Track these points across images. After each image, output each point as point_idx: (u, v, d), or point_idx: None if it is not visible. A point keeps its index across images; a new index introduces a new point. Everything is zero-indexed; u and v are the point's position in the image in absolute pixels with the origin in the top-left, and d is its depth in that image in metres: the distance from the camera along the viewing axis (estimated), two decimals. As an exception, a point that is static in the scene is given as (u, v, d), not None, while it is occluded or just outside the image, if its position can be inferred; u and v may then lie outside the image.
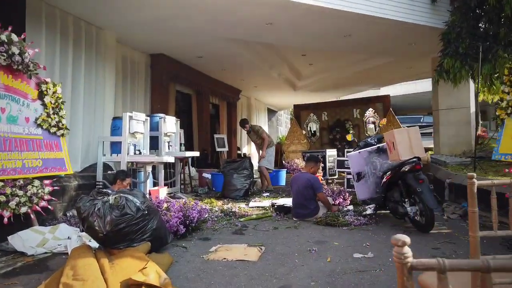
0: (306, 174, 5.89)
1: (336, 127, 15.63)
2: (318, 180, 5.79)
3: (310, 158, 6.09)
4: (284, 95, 16.65)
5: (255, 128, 9.09)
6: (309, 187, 5.63)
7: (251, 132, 9.27)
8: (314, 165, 5.90)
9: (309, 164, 5.93)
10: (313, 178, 5.75)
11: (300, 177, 5.87)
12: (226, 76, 13.31)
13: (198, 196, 7.81)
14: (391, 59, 11.94)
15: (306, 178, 5.78)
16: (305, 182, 5.70)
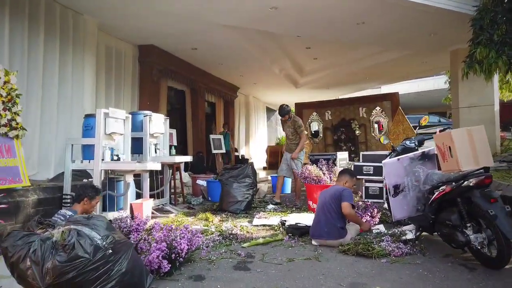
0: (337, 186, 4.60)
1: (341, 127, 14.29)
2: (350, 191, 4.46)
3: (344, 171, 4.83)
4: (284, 93, 15.30)
5: (296, 120, 7.27)
6: (337, 198, 4.34)
7: (287, 123, 7.43)
8: (349, 179, 4.62)
9: (342, 178, 4.67)
10: (344, 188, 4.45)
11: (329, 190, 4.60)
12: (224, 72, 11.94)
13: (191, 209, 6.45)
14: (405, 52, 10.62)
15: (335, 188, 4.52)
16: (333, 193, 4.43)
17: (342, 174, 4.71)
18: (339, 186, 4.55)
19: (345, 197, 4.31)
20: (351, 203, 4.32)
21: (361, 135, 14.32)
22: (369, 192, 6.89)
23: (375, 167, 6.84)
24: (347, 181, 4.58)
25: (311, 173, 5.76)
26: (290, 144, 7.31)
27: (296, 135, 7.23)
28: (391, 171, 4.21)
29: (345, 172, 4.74)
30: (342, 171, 4.83)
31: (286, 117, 7.40)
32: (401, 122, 13.83)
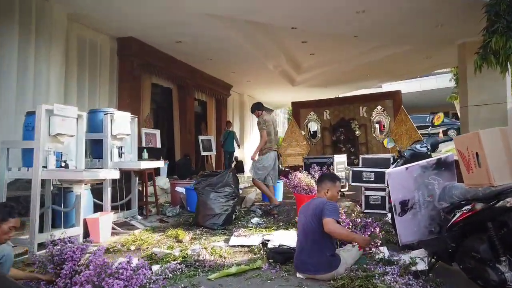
0: (318, 199, 3.54)
1: (340, 127, 13.33)
2: (334, 204, 3.41)
3: (323, 177, 3.69)
4: (281, 91, 14.32)
5: (259, 119, 6.58)
6: (319, 215, 3.30)
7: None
8: (330, 187, 3.51)
9: (323, 185, 3.55)
10: (326, 201, 3.41)
11: (308, 205, 3.51)
12: (214, 68, 10.98)
13: (163, 222, 5.49)
14: (408, 47, 9.62)
15: (315, 203, 3.43)
16: (313, 209, 3.37)
17: (322, 182, 3.59)
18: (320, 199, 3.47)
19: (327, 212, 3.25)
20: (335, 218, 3.31)
21: (361, 136, 13.34)
22: (370, 202, 5.92)
23: (376, 173, 5.87)
24: (329, 189, 3.49)
25: (300, 181, 4.80)
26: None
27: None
28: (397, 183, 3.24)
29: (325, 178, 3.61)
30: (321, 178, 3.71)
31: (258, 113, 6.73)
32: (404, 122, 12.84)
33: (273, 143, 6.55)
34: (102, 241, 4.48)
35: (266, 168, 6.42)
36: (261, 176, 6.44)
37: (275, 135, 6.66)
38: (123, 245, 4.32)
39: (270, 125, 6.58)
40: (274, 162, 6.51)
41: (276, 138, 6.70)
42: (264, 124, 6.51)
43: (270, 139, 6.51)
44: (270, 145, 6.52)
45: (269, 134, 6.52)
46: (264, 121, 6.54)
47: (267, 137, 6.47)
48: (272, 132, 6.56)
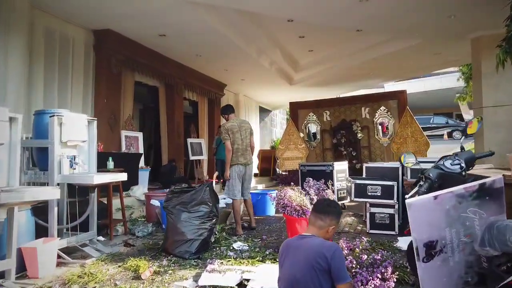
0: (315, 239, 2.37)
1: (341, 129, 12.31)
2: (341, 254, 2.30)
3: (327, 208, 2.51)
4: (278, 91, 13.32)
5: (220, 127, 5.84)
6: (322, 271, 2.17)
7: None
8: (336, 223, 2.49)
9: (325, 219, 2.44)
10: (331, 248, 2.24)
11: (299, 247, 2.35)
12: (204, 65, 10.00)
13: (129, 246, 4.51)
14: (416, 41, 8.61)
15: (313, 248, 2.27)
16: (312, 257, 2.22)
17: (324, 214, 2.45)
18: (319, 241, 2.33)
19: (342, 272, 2.19)
20: (349, 281, 2.22)
21: (364, 139, 12.31)
22: (376, 221, 4.93)
23: (384, 186, 4.88)
24: (334, 226, 2.48)
25: (291, 200, 3.81)
26: None
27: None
28: (422, 218, 2.25)
29: (330, 211, 2.48)
30: (323, 208, 2.50)
31: (225, 117, 5.82)
32: (409, 124, 11.79)
33: (240, 156, 5.46)
34: (41, 275, 3.51)
35: (234, 185, 5.44)
36: (230, 194, 5.47)
37: (245, 143, 5.56)
38: (65, 283, 3.35)
39: (236, 133, 5.48)
40: (243, 174, 5.52)
41: (246, 147, 5.57)
42: (226, 133, 5.47)
43: (236, 150, 5.44)
44: (236, 159, 5.44)
45: (234, 143, 5.44)
46: (226, 130, 5.48)
47: (231, 147, 5.44)
48: (239, 141, 5.48)
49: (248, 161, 5.56)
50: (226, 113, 5.78)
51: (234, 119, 5.70)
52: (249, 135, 5.63)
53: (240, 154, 5.47)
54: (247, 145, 5.58)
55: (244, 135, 5.54)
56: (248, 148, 5.59)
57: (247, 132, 5.61)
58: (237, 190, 5.46)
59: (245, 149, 5.52)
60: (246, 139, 5.56)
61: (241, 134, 5.53)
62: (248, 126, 5.71)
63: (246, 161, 5.51)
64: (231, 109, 5.84)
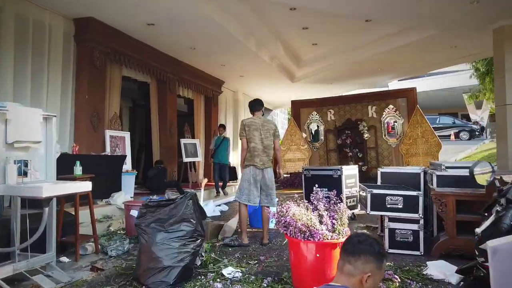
0: None
1: (346, 129, 11.44)
2: None
3: (352, 244, 1.67)
4: (279, 89, 12.44)
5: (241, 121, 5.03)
6: None
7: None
8: (375, 269, 1.60)
9: (351, 262, 1.62)
10: None
11: None
12: (200, 60, 9.13)
13: (96, 270, 3.65)
14: (432, 31, 7.73)
15: None
16: None
17: (353, 256, 1.64)
18: None
19: None
20: None
21: (370, 139, 11.43)
22: (397, 238, 4.05)
23: (406, 197, 4.01)
24: (371, 273, 1.61)
25: (295, 219, 2.95)
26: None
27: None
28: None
29: (366, 251, 1.63)
30: (351, 245, 1.69)
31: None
32: (419, 123, 10.92)
33: (256, 156, 4.71)
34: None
35: (244, 186, 4.74)
36: (240, 196, 4.77)
37: (265, 144, 4.76)
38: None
39: (254, 130, 4.74)
40: (258, 179, 4.73)
41: (266, 148, 4.78)
42: (243, 129, 4.79)
43: (252, 149, 4.72)
44: (251, 159, 4.73)
45: (251, 141, 4.72)
46: (244, 125, 4.80)
47: (246, 146, 4.76)
48: (256, 140, 4.72)
49: (265, 163, 4.77)
50: (252, 109, 5.00)
51: (257, 117, 4.91)
52: (272, 136, 4.85)
53: (257, 155, 4.73)
54: (268, 147, 4.79)
55: (264, 135, 4.77)
56: (267, 150, 4.80)
57: (269, 132, 4.83)
58: (246, 195, 4.71)
59: (263, 150, 4.75)
60: (267, 140, 4.78)
61: (262, 133, 4.76)
62: (271, 127, 4.88)
63: (262, 163, 4.75)
64: (258, 106, 4.99)
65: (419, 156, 10.74)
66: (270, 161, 4.87)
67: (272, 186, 4.84)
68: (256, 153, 4.71)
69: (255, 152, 4.71)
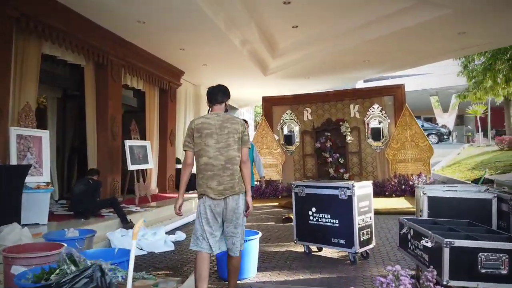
0: None
1: (326, 130, 9.69)
2: None
3: None
4: (249, 82, 10.45)
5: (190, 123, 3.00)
6: None
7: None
8: None
9: None
10: None
11: None
12: (152, 40, 6.96)
13: None
14: (442, 12, 6.08)
15: None
16: None
17: None
18: None
19: None
20: None
21: (353, 143, 9.72)
22: (482, 269, 2.20)
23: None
24: None
25: None
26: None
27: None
28: None
29: None
30: None
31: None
32: (408, 125, 9.32)
33: (210, 178, 2.80)
34: None
35: (197, 227, 2.85)
36: (192, 241, 2.85)
37: (226, 157, 2.82)
38: None
39: (207, 137, 2.82)
40: (218, 211, 2.81)
41: (229, 162, 2.82)
42: (189, 136, 2.88)
43: (204, 168, 2.83)
44: (203, 183, 2.82)
45: (202, 155, 2.82)
46: (192, 130, 2.86)
47: (191, 162, 2.90)
48: (211, 152, 2.81)
49: (227, 190, 2.80)
50: (211, 100, 2.99)
51: (215, 114, 2.93)
52: (238, 143, 2.88)
53: (212, 176, 2.81)
54: (231, 161, 2.85)
55: (225, 142, 2.84)
56: (231, 166, 2.84)
57: (234, 137, 2.87)
58: (201, 236, 2.82)
59: (223, 168, 2.82)
60: (230, 150, 2.84)
61: (220, 140, 2.84)
62: (236, 129, 2.89)
63: (223, 189, 2.80)
64: (221, 95, 2.99)
65: (408, 163, 9.16)
66: (236, 184, 2.84)
67: (238, 222, 2.85)
68: (210, 174, 2.80)
69: (208, 172, 2.81)
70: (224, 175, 2.79)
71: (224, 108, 3.01)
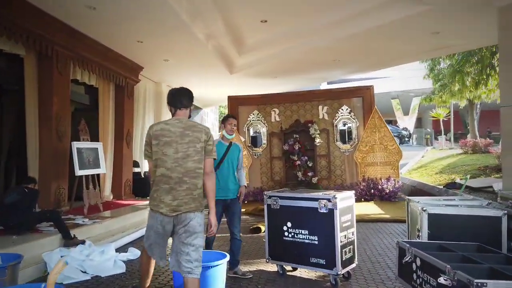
0: None
1: (294, 132, 9.22)
2: None
3: None
4: (214, 81, 9.77)
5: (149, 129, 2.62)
6: None
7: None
8: None
9: None
10: None
11: None
12: (106, 29, 6.14)
13: None
14: (417, 9, 5.73)
15: None
16: None
17: None
18: None
19: None
20: None
21: (322, 145, 9.31)
22: None
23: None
24: None
25: None
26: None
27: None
28: None
29: None
30: None
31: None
32: (377, 127, 9.01)
33: (164, 192, 2.43)
34: None
35: (149, 234, 2.55)
36: (145, 243, 2.61)
37: (185, 168, 2.45)
38: None
39: (166, 145, 2.45)
40: (167, 230, 2.48)
41: (187, 175, 2.45)
42: (148, 144, 2.54)
43: (159, 180, 2.46)
44: (156, 196, 2.45)
45: (159, 165, 2.45)
46: (149, 136, 2.52)
47: (153, 172, 2.52)
48: (169, 162, 2.44)
49: (182, 206, 2.42)
50: (172, 104, 2.62)
51: (177, 120, 2.55)
52: (200, 153, 2.51)
53: (167, 190, 2.45)
54: (190, 173, 2.47)
55: (184, 152, 2.47)
56: (191, 180, 2.47)
57: (193, 146, 2.49)
58: (152, 245, 2.57)
59: (179, 181, 2.45)
60: (190, 161, 2.48)
61: (178, 149, 2.47)
62: (198, 136, 2.51)
63: (176, 205, 2.43)
64: (184, 99, 2.60)
65: (377, 166, 8.85)
66: (194, 199, 2.43)
67: (190, 242, 2.40)
68: (166, 187, 2.43)
69: (163, 185, 2.44)
70: (180, 189, 2.42)
71: (188, 113, 2.63)
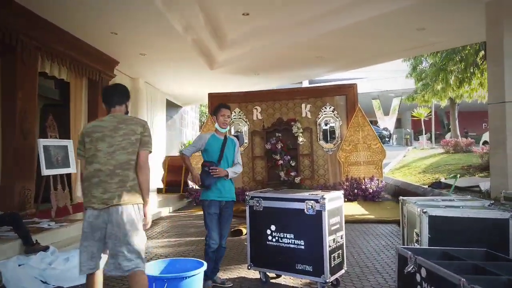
0: None
1: (277, 131, 8.93)
2: None
3: None
4: (193, 78, 9.39)
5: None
6: None
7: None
8: None
9: None
10: None
11: None
12: (76, 21, 5.70)
13: None
14: (402, 4, 5.53)
15: None
16: None
17: None
18: None
19: None
20: None
21: (305, 144, 9.06)
22: None
23: None
24: None
25: None
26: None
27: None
28: None
29: None
30: None
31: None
32: (360, 126, 8.80)
33: (94, 186, 2.28)
34: None
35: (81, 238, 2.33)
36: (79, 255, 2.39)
37: (116, 161, 2.32)
38: None
39: (99, 141, 2.32)
40: (99, 226, 2.29)
41: (118, 167, 2.31)
42: (81, 143, 2.41)
43: (91, 175, 2.31)
44: (87, 191, 2.29)
45: (93, 161, 2.32)
46: (83, 135, 2.39)
47: (86, 169, 2.37)
48: (101, 157, 2.31)
49: (111, 198, 2.26)
50: (106, 102, 2.50)
51: (111, 116, 2.43)
52: (134, 145, 2.38)
53: (96, 183, 2.30)
54: (122, 166, 2.33)
55: (117, 145, 2.34)
56: (122, 172, 2.32)
57: (128, 138, 2.36)
58: (80, 254, 2.37)
59: (110, 174, 2.31)
60: (122, 154, 2.34)
61: (111, 143, 2.34)
62: (133, 129, 2.39)
63: (107, 198, 2.27)
64: (118, 96, 2.49)
65: (360, 165, 8.65)
66: (127, 192, 2.29)
67: (126, 240, 2.25)
68: (95, 181, 2.30)
69: (94, 179, 2.30)
70: (111, 182, 2.28)
71: (125, 110, 2.50)
